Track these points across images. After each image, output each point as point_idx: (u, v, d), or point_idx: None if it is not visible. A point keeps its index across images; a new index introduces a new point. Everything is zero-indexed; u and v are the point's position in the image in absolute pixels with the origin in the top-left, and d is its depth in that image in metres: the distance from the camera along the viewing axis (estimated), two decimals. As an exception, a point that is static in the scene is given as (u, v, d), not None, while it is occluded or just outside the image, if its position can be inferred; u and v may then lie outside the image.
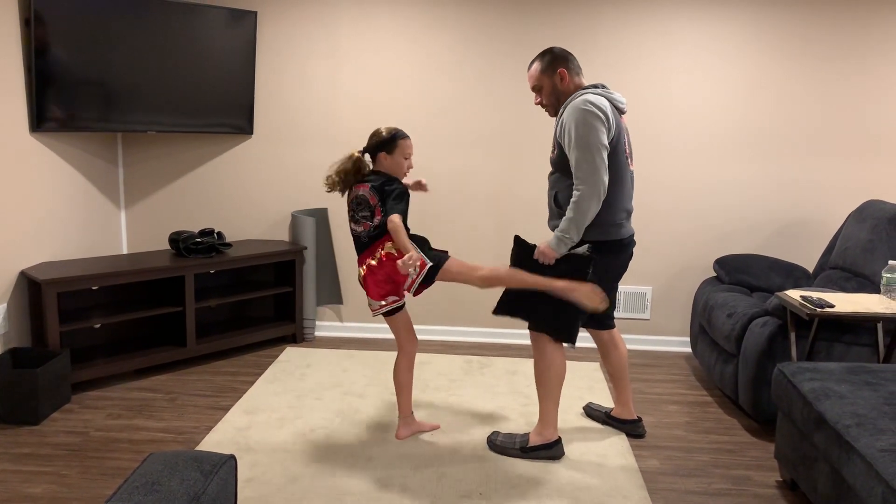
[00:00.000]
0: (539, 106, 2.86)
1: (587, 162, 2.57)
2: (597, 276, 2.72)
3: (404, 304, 2.92)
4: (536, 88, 2.82)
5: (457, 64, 4.22)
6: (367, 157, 2.91)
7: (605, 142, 2.60)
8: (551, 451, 2.87)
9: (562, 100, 2.78)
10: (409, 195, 2.86)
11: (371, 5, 4.19)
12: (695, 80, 4.15)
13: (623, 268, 2.84)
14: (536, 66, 2.80)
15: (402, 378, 3.00)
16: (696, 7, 4.07)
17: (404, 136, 2.87)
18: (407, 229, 2.78)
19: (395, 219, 2.71)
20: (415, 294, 2.89)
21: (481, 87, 4.23)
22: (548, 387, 2.83)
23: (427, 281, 2.82)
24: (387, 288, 2.85)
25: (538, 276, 2.71)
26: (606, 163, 2.60)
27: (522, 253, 2.79)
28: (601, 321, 3.06)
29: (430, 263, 2.79)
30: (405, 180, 2.94)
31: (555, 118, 2.81)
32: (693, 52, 4.12)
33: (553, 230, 2.80)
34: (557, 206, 2.78)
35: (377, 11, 4.20)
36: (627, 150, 2.74)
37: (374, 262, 2.83)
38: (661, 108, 4.17)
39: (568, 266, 2.70)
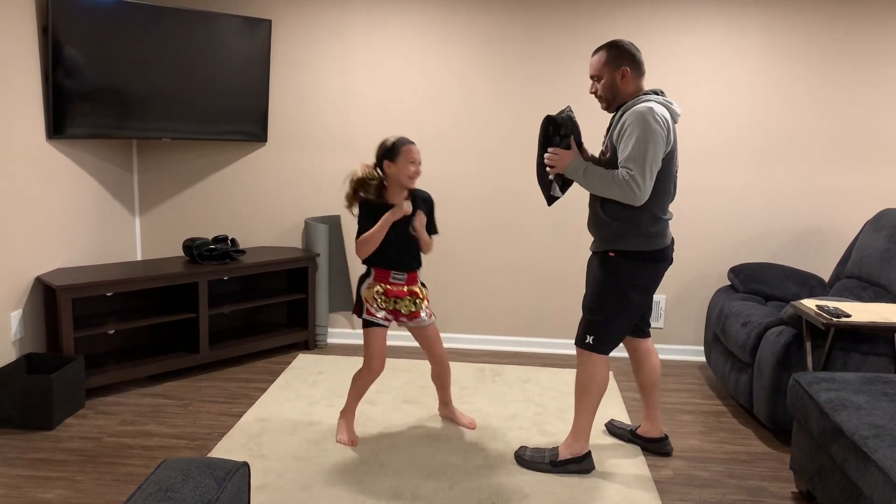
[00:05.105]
0: (593, 95, 2.78)
1: (640, 175, 2.53)
2: (642, 285, 2.73)
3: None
4: (595, 78, 2.75)
5: (469, 70, 4.22)
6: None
7: (661, 158, 2.57)
8: (581, 464, 2.83)
9: (618, 98, 2.72)
10: (368, 217, 2.94)
11: (384, 13, 4.21)
12: (709, 86, 4.13)
13: (663, 274, 2.78)
14: (601, 55, 2.72)
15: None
16: (712, 12, 4.06)
17: (406, 143, 2.90)
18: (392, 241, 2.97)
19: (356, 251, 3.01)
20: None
21: (493, 93, 4.23)
22: (587, 400, 2.79)
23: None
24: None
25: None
26: (654, 179, 2.57)
27: (550, 129, 2.76)
28: (639, 329, 2.98)
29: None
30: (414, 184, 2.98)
31: (610, 114, 2.77)
32: (708, 58, 4.10)
33: (593, 234, 2.80)
34: (605, 213, 2.70)
35: (390, 19, 4.21)
36: (677, 162, 2.72)
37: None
38: (674, 115, 4.16)
39: (548, 181, 2.79)
